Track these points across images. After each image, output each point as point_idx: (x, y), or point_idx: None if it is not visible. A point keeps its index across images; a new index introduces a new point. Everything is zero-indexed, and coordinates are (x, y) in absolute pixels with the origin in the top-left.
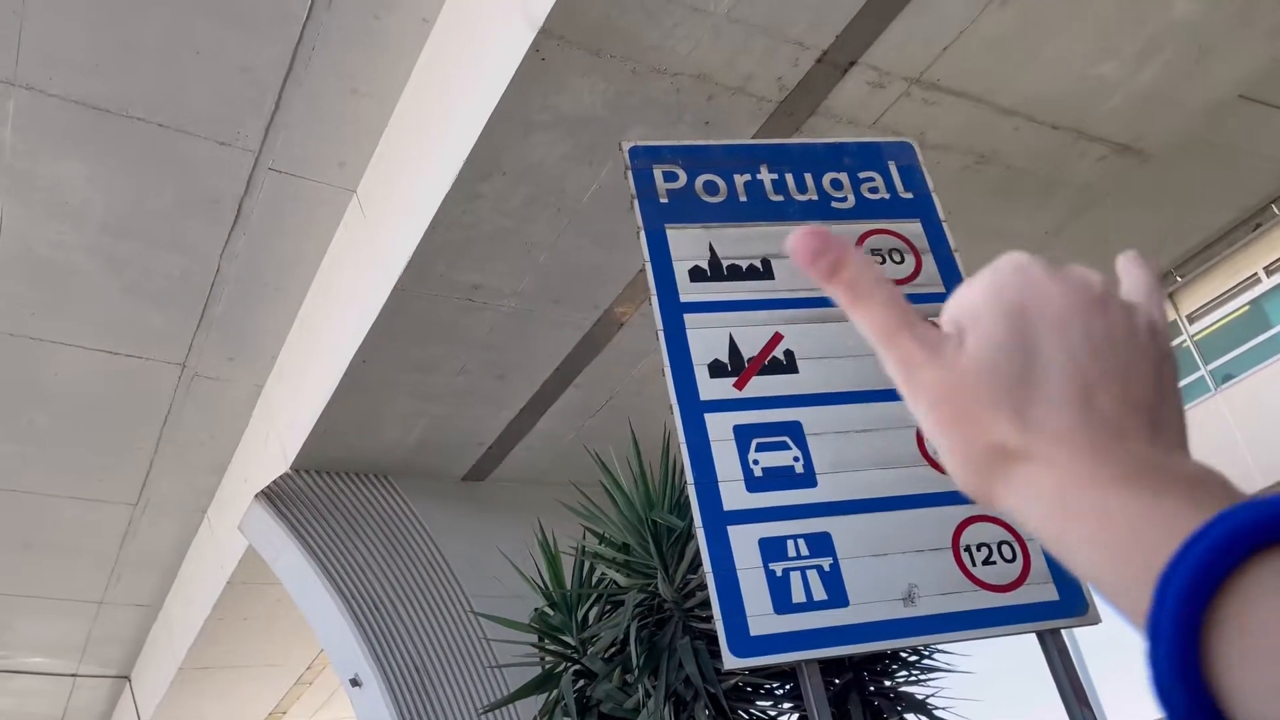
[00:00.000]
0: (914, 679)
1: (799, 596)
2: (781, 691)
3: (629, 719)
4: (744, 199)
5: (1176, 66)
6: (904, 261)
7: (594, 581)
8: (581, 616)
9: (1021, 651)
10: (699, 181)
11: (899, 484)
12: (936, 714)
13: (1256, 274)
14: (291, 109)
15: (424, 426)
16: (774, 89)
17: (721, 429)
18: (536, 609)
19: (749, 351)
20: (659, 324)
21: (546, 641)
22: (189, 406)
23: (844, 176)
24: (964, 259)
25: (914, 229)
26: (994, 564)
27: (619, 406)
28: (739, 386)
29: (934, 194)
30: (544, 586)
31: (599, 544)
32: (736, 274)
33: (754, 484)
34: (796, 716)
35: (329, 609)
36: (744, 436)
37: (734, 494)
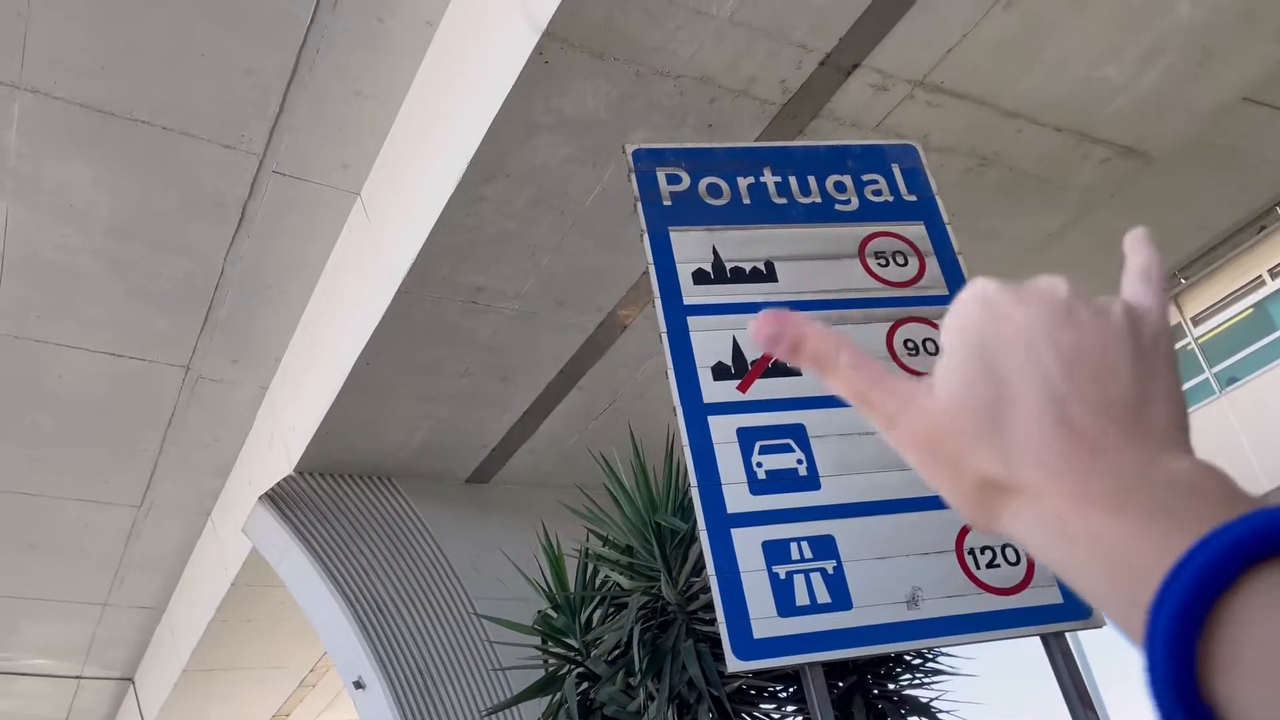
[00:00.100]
0: (918, 682)
1: (802, 599)
2: (785, 694)
3: None
4: (747, 201)
5: (1180, 69)
6: (907, 264)
7: (597, 584)
8: (585, 619)
9: (1025, 654)
10: (702, 184)
11: (902, 487)
12: (940, 717)
13: (1261, 276)
14: (295, 112)
15: (427, 429)
16: (777, 92)
17: (725, 431)
18: (540, 611)
19: (753, 354)
20: (662, 326)
21: (550, 644)
22: (193, 409)
23: (847, 179)
24: (967, 261)
25: (917, 231)
26: (998, 567)
27: (622, 409)
28: (742, 389)
29: (937, 196)
30: (547, 589)
31: (602, 546)
32: (740, 276)
33: (757, 486)
34: (800, 719)
35: (332, 611)
36: (747, 439)
37: (737, 496)
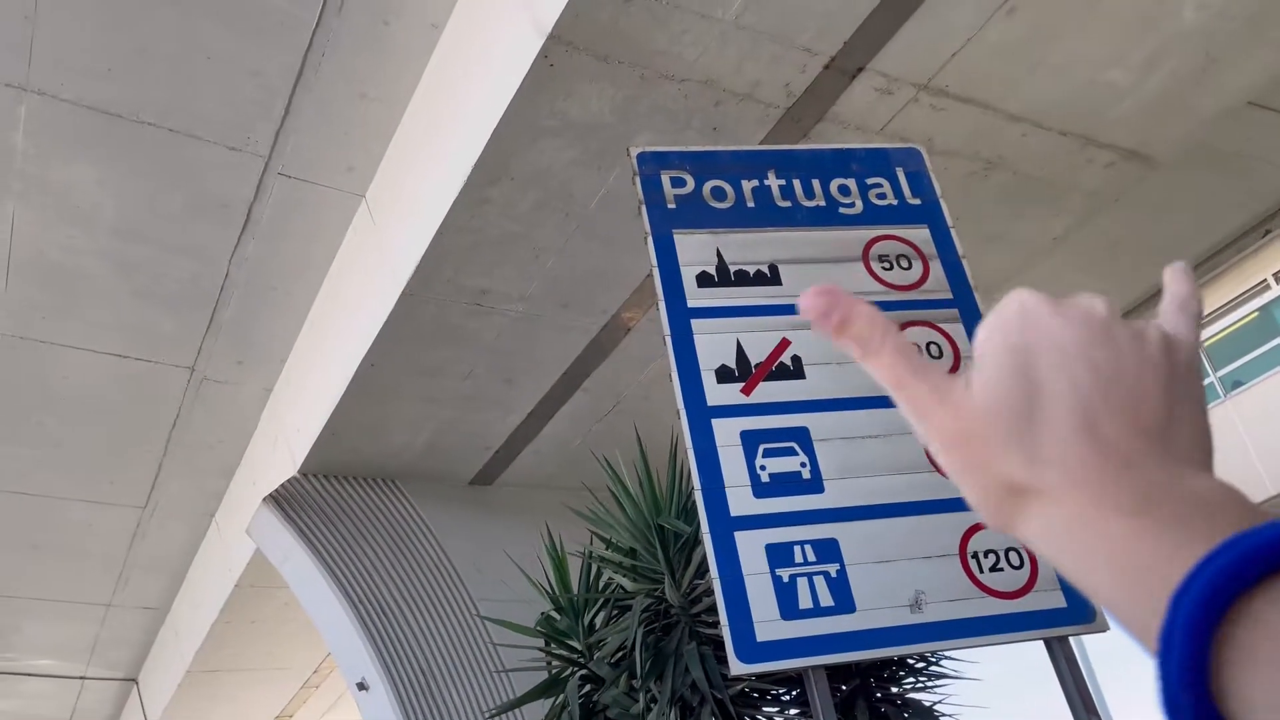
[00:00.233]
0: (921, 685)
1: (806, 602)
2: (788, 697)
3: None
4: (751, 205)
5: (1185, 73)
6: (911, 267)
7: (600, 586)
8: (588, 621)
9: (1029, 658)
10: (707, 187)
11: (906, 490)
12: None
13: (1266, 280)
14: (301, 114)
15: (431, 430)
16: (781, 95)
17: (729, 434)
18: (543, 613)
19: (756, 357)
20: (666, 329)
21: (553, 646)
22: (198, 410)
23: (852, 183)
24: (971, 265)
25: (922, 235)
26: (1001, 570)
27: (626, 411)
28: (746, 392)
29: (942, 200)
30: (550, 591)
31: (606, 549)
32: (744, 279)
33: (761, 489)
34: None
35: (336, 613)
36: (751, 442)
37: (741, 499)
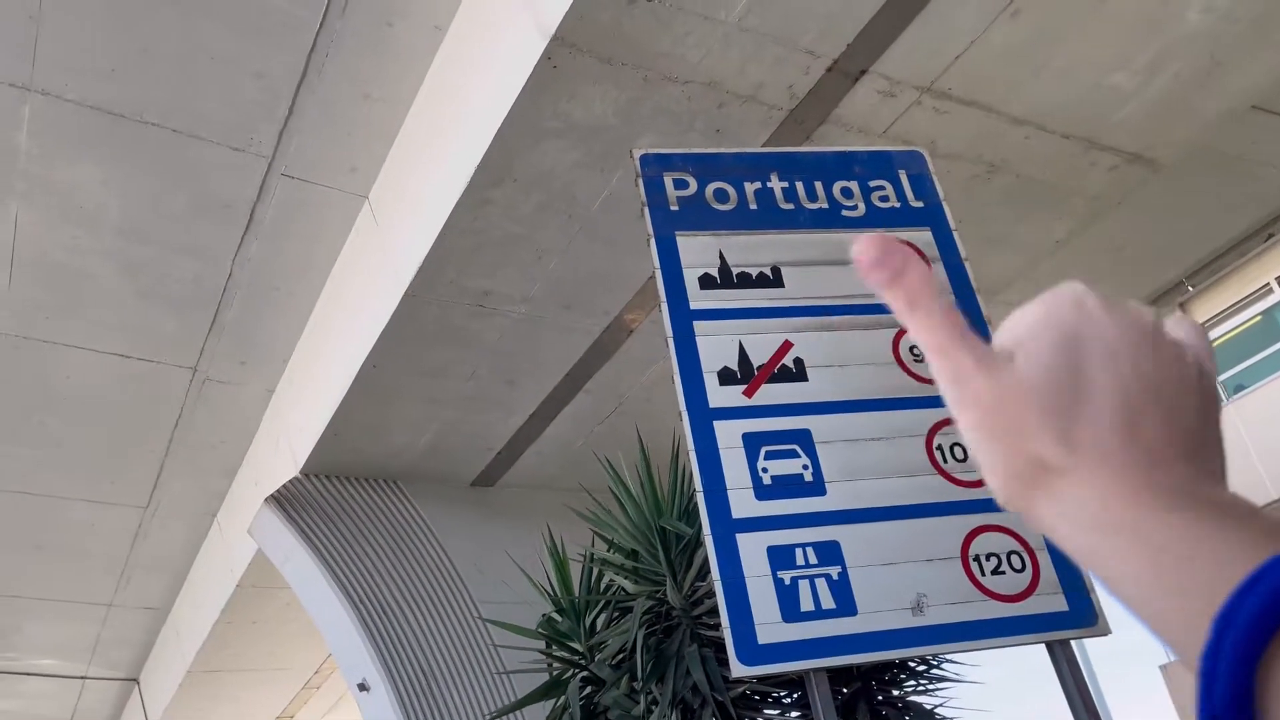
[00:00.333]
0: (922, 689)
1: (807, 605)
2: (789, 700)
3: None
4: (754, 207)
5: (1189, 76)
6: None
7: (602, 588)
8: (589, 623)
9: (1030, 662)
10: (709, 189)
11: (908, 493)
12: None
13: (1269, 284)
14: (304, 115)
15: (433, 431)
16: (785, 97)
17: (731, 436)
18: (544, 615)
19: (758, 359)
20: (669, 331)
21: (554, 648)
22: (200, 410)
23: (854, 185)
24: (974, 268)
25: (924, 237)
26: (1003, 574)
27: (628, 413)
28: (748, 394)
29: (944, 203)
30: (552, 593)
31: (607, 550)
32: (746, 281)
33: (763, 492)
34: None
35: (337, 613)
36: (753, 444)
37: (743, 502)
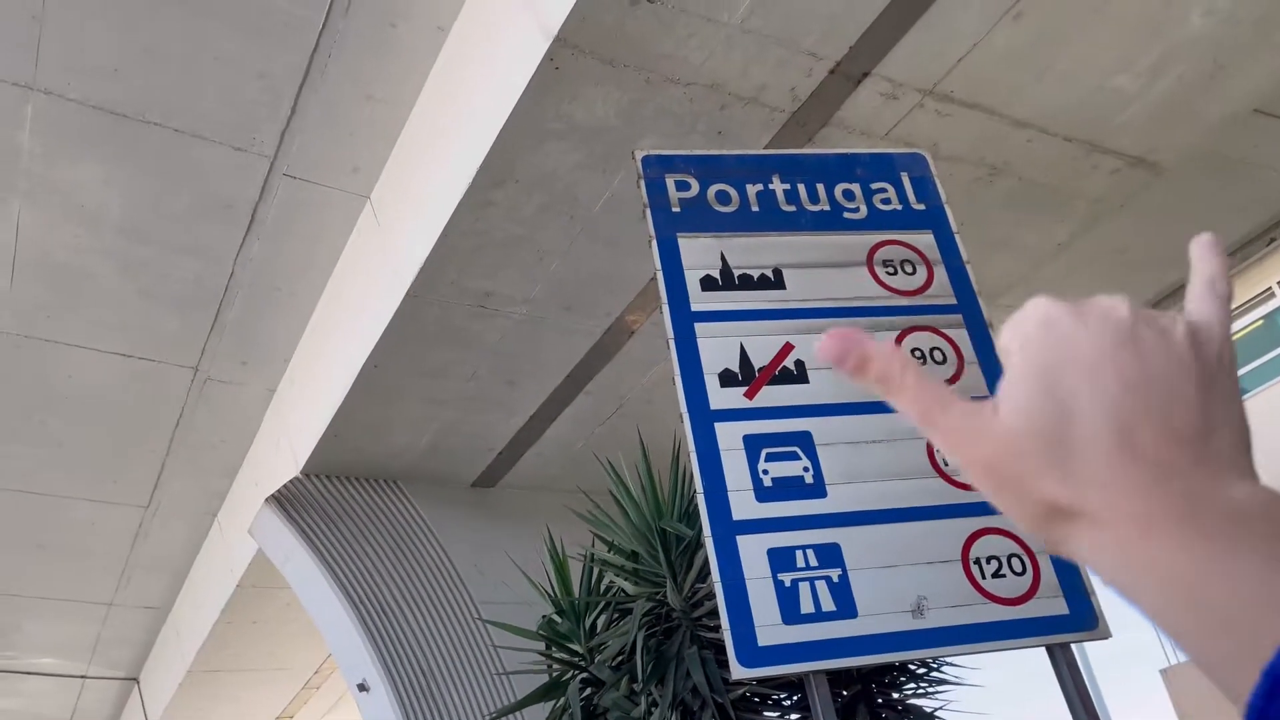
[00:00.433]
0: (922, 691)
1: (807, 607)
2: (789, 702)
3: None
4: (756, 209)
5: (1191, 80)
6: (916, 273)
7: (602, 589)
8: (589, 624)
9: (1030, 665)
10: (711, 191)
11: (909, 495)
12: None
13: (1271, 289)
14: (307, 115)
15: (434, 432)
16: (787, 99)
17: (731, 438)
18: (544, 616)
19: (760, 361)
20: (670, 332)
21: (554, 649)
22: (201, 410)
23: (856, 187)
24: (976, 270)
25: (926, 240)
26: (1004, 577)
27: (629, 414)
28: (749, 396)
29: (946, 205)
30: (552, 594)
31: (607, 552)
32: (748, 283)
33: (763, 494)
34: None
35: (337, 613)
36: (754, 446)
37: (743, 503)
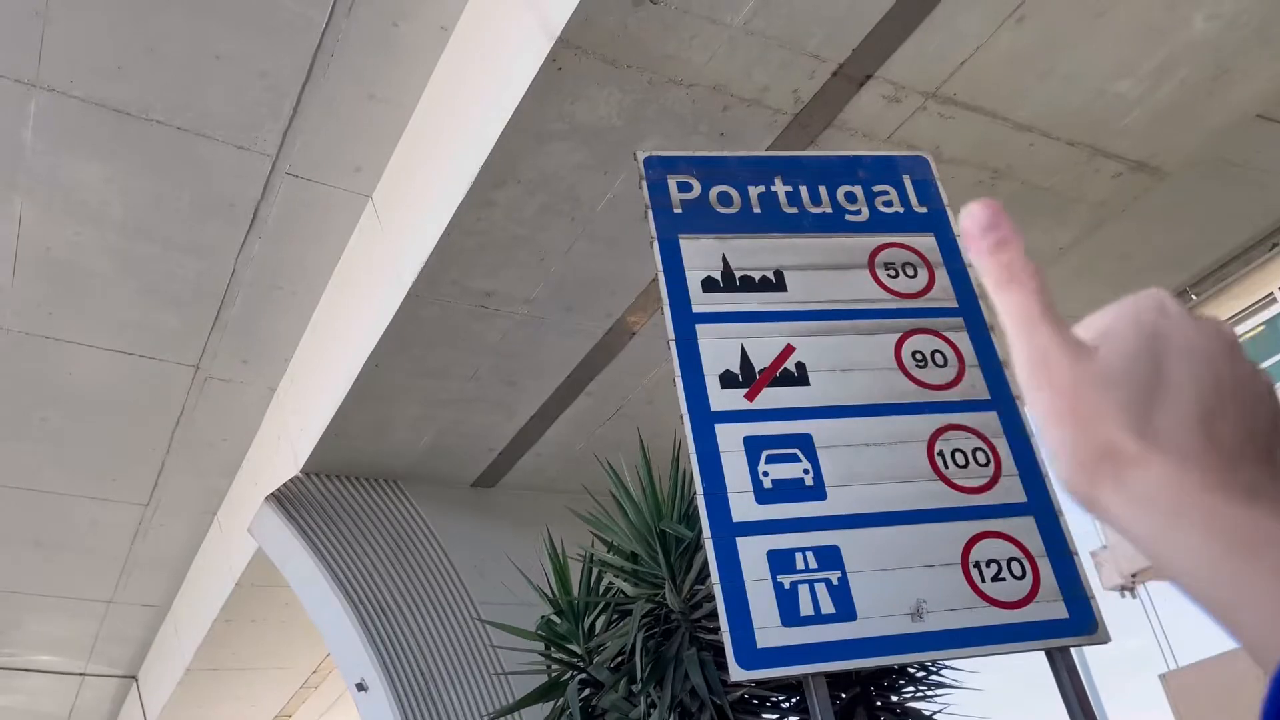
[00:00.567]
0: (921, 694)
1: (807, 609)
2: (788, 704)
3: None
4: (758, 210)
5: (1194, 85)
6: (917, 275)
7: (601, 590)
8: (588, 625)
9: (1029, 669)
10: (713, 192)
11: (909, 498)
12: None
13: (1272, 294)
14: (309, 114)
15: (434, 432)
16: (789, 101)
17: (731, 440)
18: (543, 616)
19: (760, 363)
20: (671, 334)
21: (553, 650)
22: (201, 408)
23: (858, 189)
24: (977, 274)
25: (928, 243)
26: (1003, 580)
27: (629, 415)
28: (750, 398)
29: (948, 208)
30: (551, 594)
31: (607, 552)
32: (749, 285)
33: (763, 496)
34: None
35: (336, 613)
36: (754, 448)
37: (743, 505)
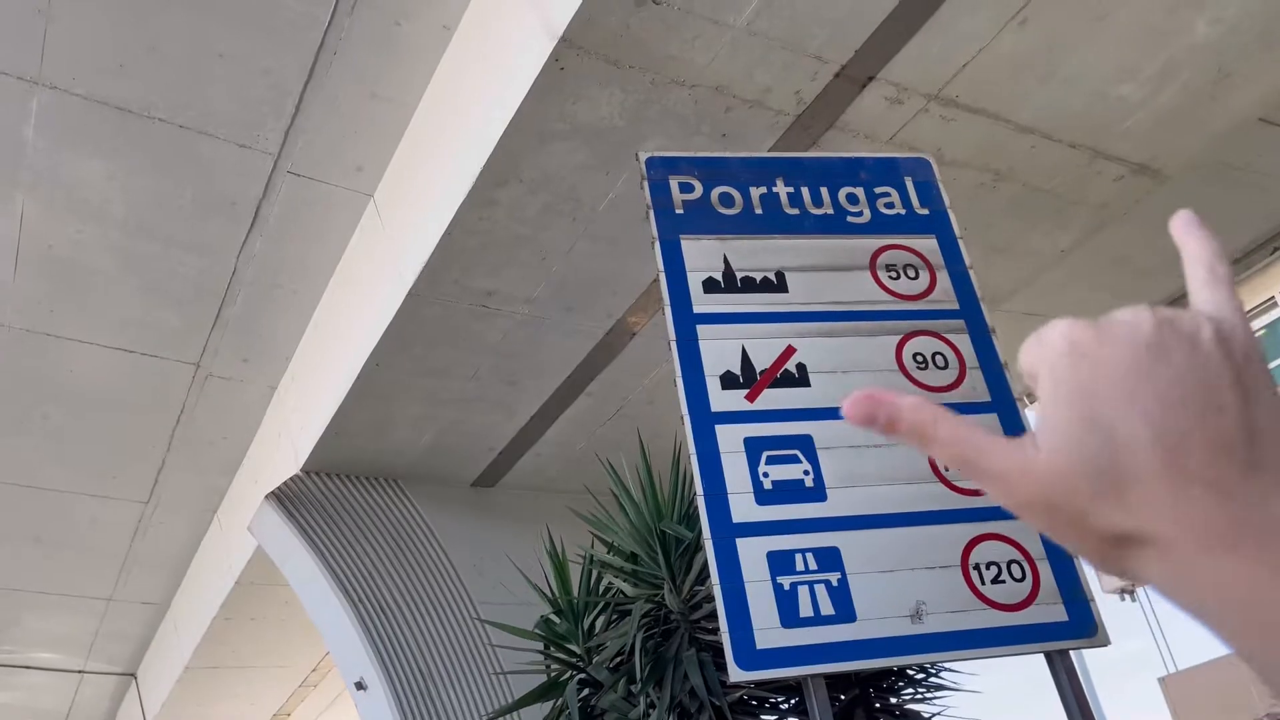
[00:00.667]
0: (920, 696)
1: (806, 611)
2: (787, 706)
3: None
4: (759, 211)
5: (1196, 88)
6: (918, 277)
7: (601, 590)
8: (588, 625)
9: (1029, 671)
10: (715, 193)
11: (909, 500)
12: None
13: (1274, 298)
14: (311, 113)
15: (435, 431)
16: (791, 102)
17: (732, 441)
18: (542, 616)
19: (761, 364)
20: (671, 334)
21: (552, 649)
22: (202, 406)
23: (860, 191)
24: (978, 276)
25: (929, 245)
26: (1003, 583)
27: (630, 415)
28: (750, 399)
29: (950, 210)
30: (550, 594)
31: (607, 553)
32: (750, 286)
33: (763, 497)
34: None
35: (335, 612)
36: (754, 449)
37: (743, 506)
